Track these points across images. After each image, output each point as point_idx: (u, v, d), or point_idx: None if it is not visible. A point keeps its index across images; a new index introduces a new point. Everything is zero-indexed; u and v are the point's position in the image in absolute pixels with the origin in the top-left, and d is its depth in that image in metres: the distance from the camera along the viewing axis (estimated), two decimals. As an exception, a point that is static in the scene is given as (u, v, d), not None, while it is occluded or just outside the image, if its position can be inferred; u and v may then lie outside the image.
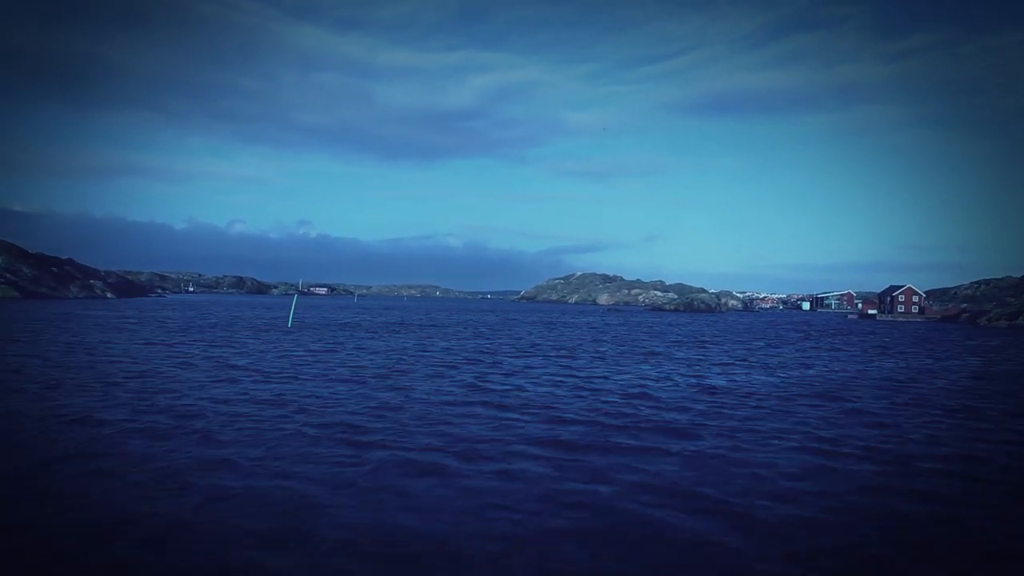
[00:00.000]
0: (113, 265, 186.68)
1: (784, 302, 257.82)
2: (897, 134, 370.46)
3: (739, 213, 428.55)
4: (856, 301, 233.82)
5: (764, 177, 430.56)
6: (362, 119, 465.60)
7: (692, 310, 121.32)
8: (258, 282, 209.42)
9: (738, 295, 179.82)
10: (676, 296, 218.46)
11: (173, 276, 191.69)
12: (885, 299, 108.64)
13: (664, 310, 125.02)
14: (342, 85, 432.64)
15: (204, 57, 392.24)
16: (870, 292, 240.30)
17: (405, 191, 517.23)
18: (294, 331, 38.33)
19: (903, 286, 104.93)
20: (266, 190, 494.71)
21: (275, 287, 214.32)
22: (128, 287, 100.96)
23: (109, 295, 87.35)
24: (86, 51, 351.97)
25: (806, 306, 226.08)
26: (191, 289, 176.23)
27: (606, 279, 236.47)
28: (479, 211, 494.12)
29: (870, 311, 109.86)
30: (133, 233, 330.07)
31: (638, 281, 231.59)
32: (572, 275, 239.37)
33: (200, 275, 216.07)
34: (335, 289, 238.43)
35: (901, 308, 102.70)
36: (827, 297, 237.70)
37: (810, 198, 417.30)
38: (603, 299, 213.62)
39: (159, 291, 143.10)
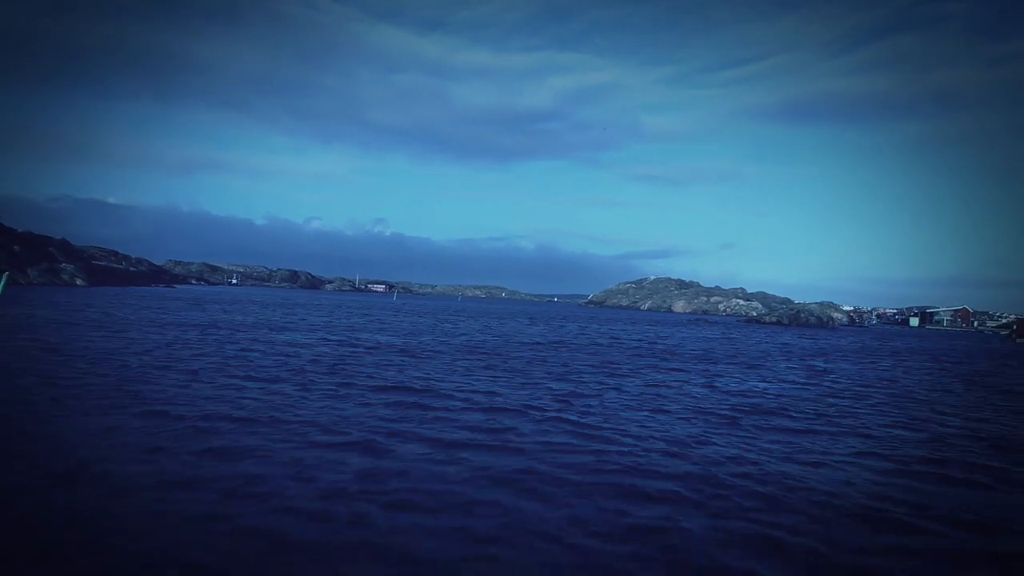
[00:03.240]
0: (195, 256, 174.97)
1: (879, 316, 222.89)
2: (996, 144, 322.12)
3: (818, 222, 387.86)
4: (972, 319, 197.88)
5: (847, 186, 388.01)
6: (438, 120, 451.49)
7: (799, 324, 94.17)
8: (312, 276, 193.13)
9: (843, 308, 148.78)
10: (760, 305, 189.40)
11: (225, 268, 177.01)
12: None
13: (762, 322, 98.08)
14: (420, 85, 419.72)
15: (288, 57, 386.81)
16: (986, 311, 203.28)
17: (478, 192, 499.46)
18: None
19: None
20: (342, 188, 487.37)
21: (330, 282, 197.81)
22: (108, 274, 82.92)
23: (79, 282, 69.10)
24: (181, 50, 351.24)
25: (914, 322, 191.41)
26: (234, 281, 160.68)
27: (682, 285, 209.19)
28: (551, 214, 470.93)
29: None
30: (216, 227, 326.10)
31: (717, 288, 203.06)
32: (645, 280, 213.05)
33: (265, 268, 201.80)
34: (394, 287, 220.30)
35: (1102, 333, 72.73)
36: (936, 312, 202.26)
37: (895, 209, 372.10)
38: (679, 306, 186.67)
39: (192, 281, 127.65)
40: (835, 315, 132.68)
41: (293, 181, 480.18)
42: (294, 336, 25.67)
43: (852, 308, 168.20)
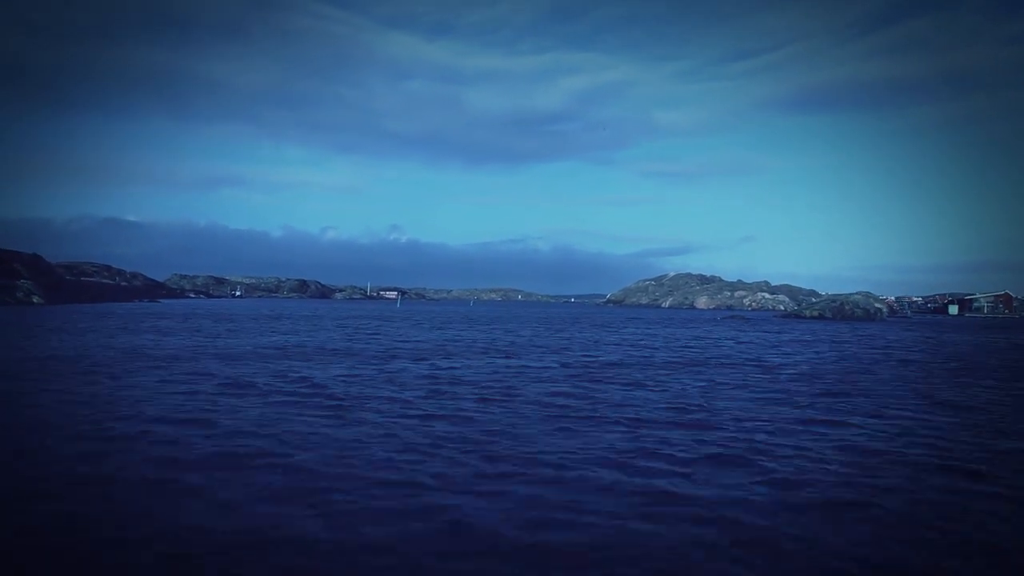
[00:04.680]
0: (211, 270, 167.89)
1: (909, 304, 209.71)
2: (1014, 123, 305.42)
3: (838, 212, 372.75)
4: (1015, 304, 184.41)
5: (866, 174, 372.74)
6: (450, 125, 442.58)
7: (843, 317, 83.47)
8: (322, 285, 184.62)
9: (881, 298, 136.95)
10: (787, 298, 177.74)
11: (231, 280, 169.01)
12: None
13: (802, 317, 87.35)
14: (431, 91, 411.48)
15: (299, 69, 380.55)
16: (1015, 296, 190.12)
17: (492, 196, 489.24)
18: None
19: None
20: (357, 197, 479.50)
21: (340, 291, 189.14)
22: (80, 290, 74.43)
23: (36, 300, 60.52)
24: (195, 68, 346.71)
25: (953, 310, 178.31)
26: (237, 293, 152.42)
27: (703, 280, 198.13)
28: (567, 214, 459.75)
29: None
30: (233, 240, 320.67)
31: (740, 282, 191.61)
32: (664, 276, 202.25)
33: (275, 278, 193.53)
34: (406, 293, 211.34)
35: None
36: (975, 299, 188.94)
37: (915, 195, 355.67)
38: (702, 302, 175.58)
39: (191, 295, 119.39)
40: (875, 304, 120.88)
41: (308, 192, 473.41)
42: (187, 369, 15.99)
43: (885, 297, 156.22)
